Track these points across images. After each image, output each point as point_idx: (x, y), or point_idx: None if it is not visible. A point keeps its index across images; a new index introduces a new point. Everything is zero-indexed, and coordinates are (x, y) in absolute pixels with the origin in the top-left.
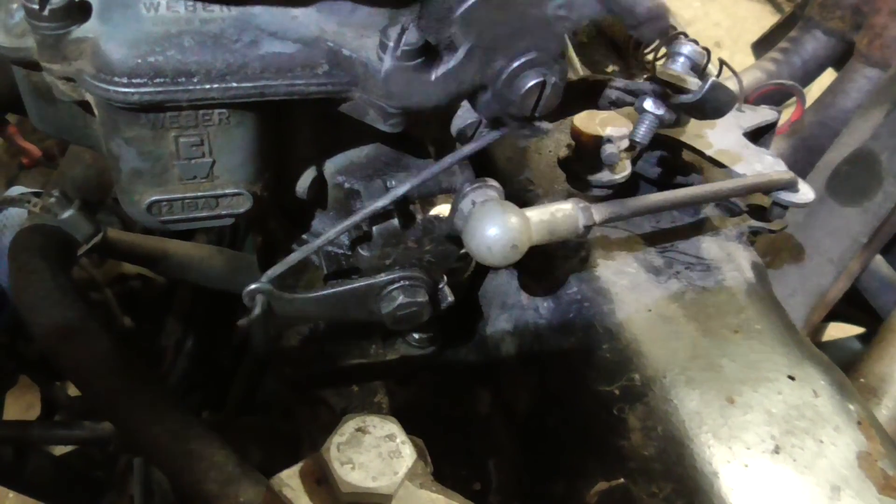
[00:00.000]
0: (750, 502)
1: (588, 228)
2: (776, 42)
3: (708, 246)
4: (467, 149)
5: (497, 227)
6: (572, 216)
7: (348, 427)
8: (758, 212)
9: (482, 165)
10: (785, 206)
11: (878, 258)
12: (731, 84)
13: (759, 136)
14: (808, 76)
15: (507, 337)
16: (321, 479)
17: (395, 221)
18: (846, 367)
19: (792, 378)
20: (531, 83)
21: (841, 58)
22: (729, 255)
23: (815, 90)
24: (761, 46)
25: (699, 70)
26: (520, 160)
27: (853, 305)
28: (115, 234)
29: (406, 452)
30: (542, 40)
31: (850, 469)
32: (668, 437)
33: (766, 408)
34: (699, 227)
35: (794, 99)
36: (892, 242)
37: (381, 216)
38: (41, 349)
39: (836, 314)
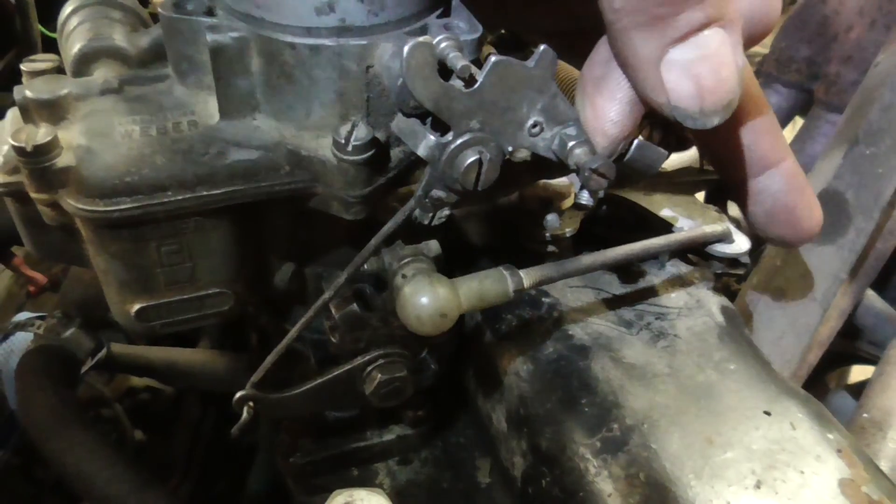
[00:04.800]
0: None
1: (519, 292)
2: None
3: (677, 295)
4: (387, 227)
5: (426, 298)
6: (501, 282)
7: (336, 503)
8: (723, 259)
9: (456, 243)
10: (720, 259)
11: (871, 293)
12: None
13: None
14: None
15: (496, 405)
16: None
17: (354, 306)
18: None
19: (768, 413)
20: (469, 161)
21: (805, 106)
22: (698, 302)
23: (788, 138)
24: None
25: None
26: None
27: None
28: (119, 348)
29: None
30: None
31: (834, 497)
32: (651, 482)
33: (745, 444)
34: (666, 278)
35: None
36: (883, 277)
37: (342, 302)
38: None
39: (854, 357)
